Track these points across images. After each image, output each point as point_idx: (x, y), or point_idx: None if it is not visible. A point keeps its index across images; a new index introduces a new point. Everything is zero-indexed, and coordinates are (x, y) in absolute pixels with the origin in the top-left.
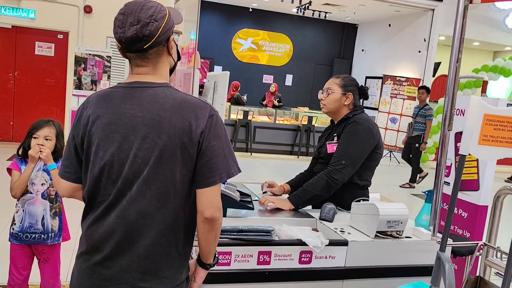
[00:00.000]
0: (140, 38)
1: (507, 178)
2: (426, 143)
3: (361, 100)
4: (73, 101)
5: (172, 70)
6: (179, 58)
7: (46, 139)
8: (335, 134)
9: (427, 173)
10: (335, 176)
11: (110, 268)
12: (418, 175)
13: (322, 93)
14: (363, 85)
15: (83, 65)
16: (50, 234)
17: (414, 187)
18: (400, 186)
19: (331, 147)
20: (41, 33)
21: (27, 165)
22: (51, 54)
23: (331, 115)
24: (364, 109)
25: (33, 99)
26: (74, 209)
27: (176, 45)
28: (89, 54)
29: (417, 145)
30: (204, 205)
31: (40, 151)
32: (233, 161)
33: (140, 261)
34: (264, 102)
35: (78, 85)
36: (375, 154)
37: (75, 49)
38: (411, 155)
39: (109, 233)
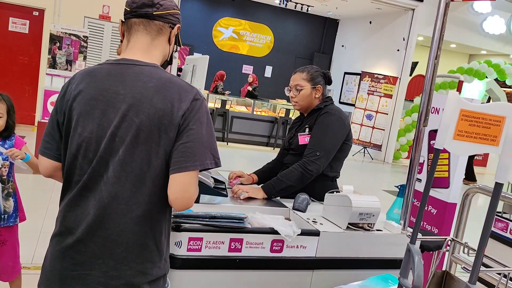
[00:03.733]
0: (153, 4)
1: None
2: None
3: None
4: (47, 80)
5: (164, 65)
6: (170, 62)
7: None
8: (306, 126)
9: None
10: (310, 168)
11: (82, 253)
12: None
13: (290, 90)
14: (324, 70)
15: (58, 44)
16: (3, 216)
17: None
18: None
19: (303, 139)
20: (15, 9)
21: None
22: (26, 31)
23: (304, 110)
24: (334, 101)
25: (5, 76)
26: (31, 189)
27: (173, 51)
28: (65, 33)
29: None
30: (174, 193)
31: None
32: (211, 152)
33: (112, 247)
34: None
35: (52, 64)
36: (345, 145)
37: (51, 26)
38: None
39: (83, 216)
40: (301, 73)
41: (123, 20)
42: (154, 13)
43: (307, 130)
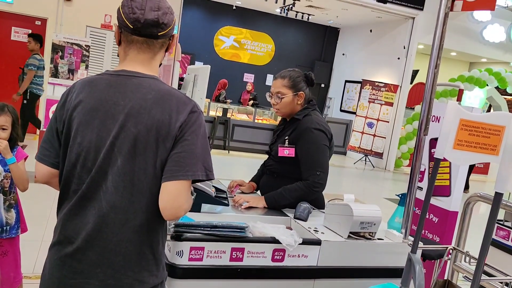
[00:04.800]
0: (159, 24)
1: None
2: (20, 94)
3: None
4: (49, 89)
5: None
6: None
7: (3, 129)
8: (286, 138)
9: None
10: (316, 189)
11: (81, 261)
12: None
13: (271, 97)
14: (306, 72)
15: (60, 53)
16: (5, 228)
17: None
18: None
19: (282, 151)
20: (18, 18)
21: None
22: None
23: (286, 116)
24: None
25: (7, 85)
26: (31, 198)
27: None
28: (67, 42)
29: (25, 101)
30: (164, 201)
31: None
32: (203, 164)
33: (110, 256)
34: (240, 100)
35: (55, 73)
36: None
37: (53, 36)
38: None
39: (83, 225)
40: (282, 80)
41: (120, 27)
42: (159, 34)
43: (286, 142)
